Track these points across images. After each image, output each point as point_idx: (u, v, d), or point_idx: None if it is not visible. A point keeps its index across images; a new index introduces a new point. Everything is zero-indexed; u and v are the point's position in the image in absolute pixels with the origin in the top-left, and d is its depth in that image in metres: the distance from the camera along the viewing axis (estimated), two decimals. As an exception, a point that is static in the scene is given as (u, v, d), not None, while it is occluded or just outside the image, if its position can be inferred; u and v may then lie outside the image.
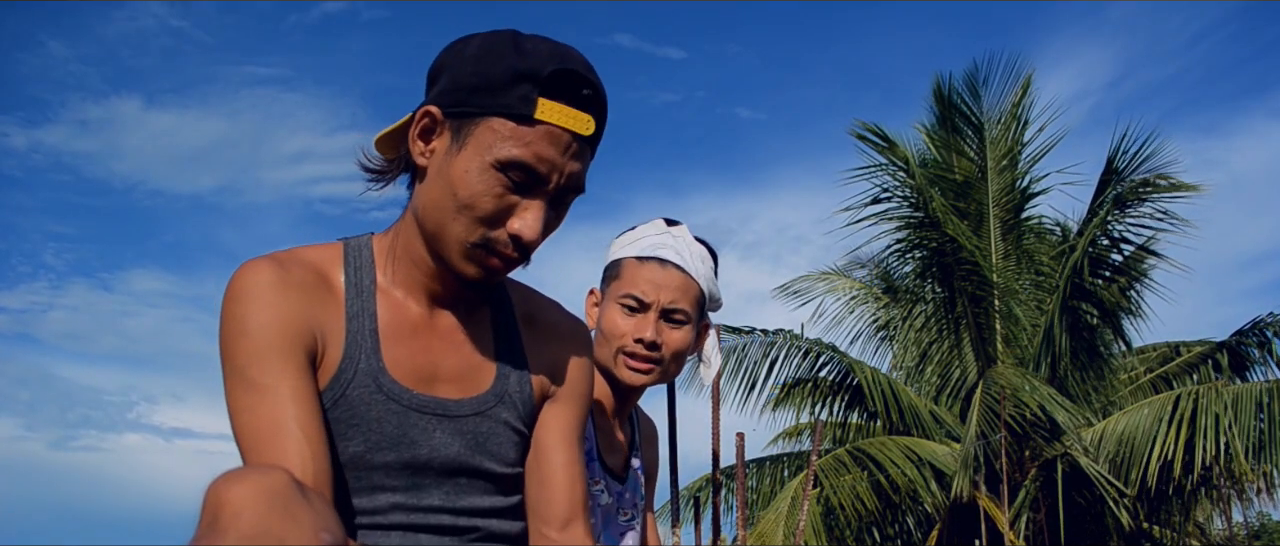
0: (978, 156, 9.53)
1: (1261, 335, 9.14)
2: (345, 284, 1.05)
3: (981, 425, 7.77)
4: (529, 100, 0.97)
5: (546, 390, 1.14)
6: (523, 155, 0.97)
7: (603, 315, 1.58)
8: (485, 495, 1.07)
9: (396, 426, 1.02)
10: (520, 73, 0.98)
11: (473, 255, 1.01)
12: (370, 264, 1.08)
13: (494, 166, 0.98)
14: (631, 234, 1.63)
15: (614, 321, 1.55)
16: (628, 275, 1.56)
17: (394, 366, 1.03)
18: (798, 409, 10.01)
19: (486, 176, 0.98)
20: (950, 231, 8.68)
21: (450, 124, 1.01)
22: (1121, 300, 8.78)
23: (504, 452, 1.08)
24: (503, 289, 1.17)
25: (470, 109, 0.99)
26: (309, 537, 0.73)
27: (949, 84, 9.42)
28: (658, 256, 1.56)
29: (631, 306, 1.55)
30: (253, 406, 0.94)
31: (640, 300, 1.54)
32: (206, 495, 0.74)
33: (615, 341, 1.55)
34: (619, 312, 1.55)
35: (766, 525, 8.24)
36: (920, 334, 9.80)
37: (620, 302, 1.55)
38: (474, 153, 0.98)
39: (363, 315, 1.04)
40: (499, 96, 0.98)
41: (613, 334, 1.55)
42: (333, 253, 1.07)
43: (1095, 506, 8.38)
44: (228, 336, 0.97)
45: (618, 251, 1.61)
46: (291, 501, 0.74)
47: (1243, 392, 8.05)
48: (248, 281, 0.99)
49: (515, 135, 0.97)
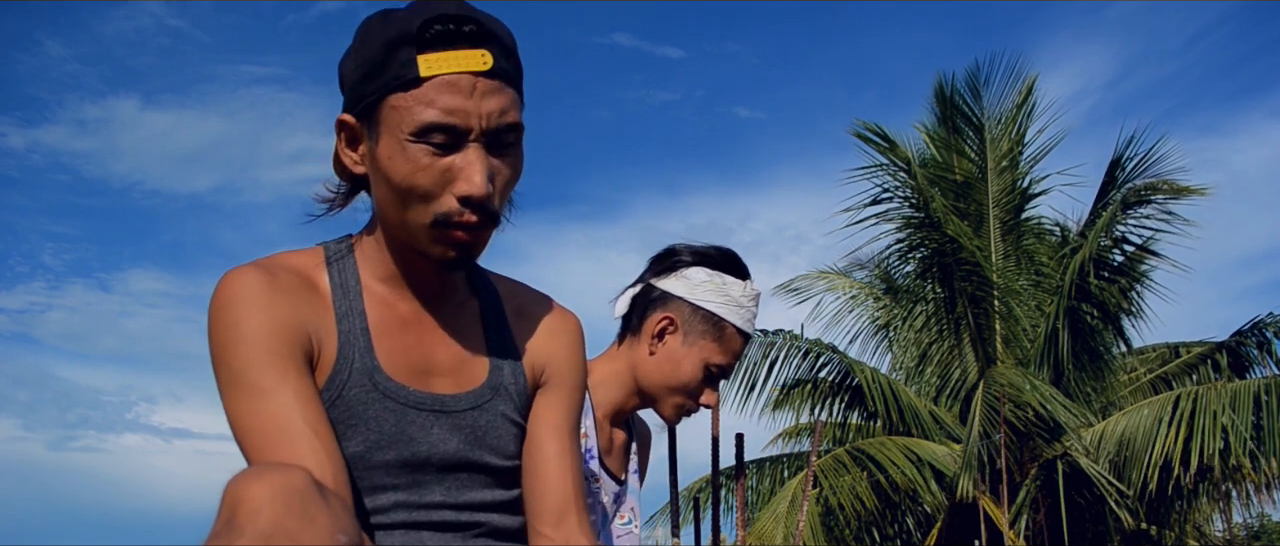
0: (978, 156, 9.52)
1: (1261, 335, 9.14)
2: (331, 285, 1.04)
3: (982, 425, 7.77)
4: (410, 63, 0.94)
5: (539, 380, 1.13)
6: (428, 116, 0.93)
7: (683, 358, 1.58)
8: (486, 489, 1.06)
9: (395, 424, 1.01)
10: (392, 41, 0.95)
11: (436, 236, 0.98)
12: (353, 264, 1.07)
13: (409, 140, 0.94)
14: (732, 284, 1.60)
15: (694, 376, 1.58)
16: (728, 346, 1.59)
17: (388, 364, 1.02)
18: (797, 409, 10.02)
19: (408, 152, 0.95)
20: (950, 231, 8.68)
21: (362, 123, 1.00)
22: (1122, 301, 8.78)
23: (503, 446, 1.07)
24: (491, 284, 1.16)
25: (367, 99, 0.97)
26: (326, 538, 0.73)
27: (950, 84, 9.42)
28: (752, 334, 1.63)
29: (715, 374, 1.59)
30: (256, 409, 0.93)
31: (726, 375, 1.60)
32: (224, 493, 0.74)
33: (682, 392, 1.59)
34: (701, 369, 1.58)
35: (766, 525, 8.24)
36: (920, 334, 9.80)
37: (709, 365, 1.58)
38: (388, 138, 0.96)
39: (352, 314, 1.03)
40: (384, 74, 0.95)
41: (685, 385, 1.59)
42: (314, 256, 1.07)
43: (1095, 506, 8.38)
44: (222, 343, 0.96)
45: (718, 303, 1.59)
46: (309, 501, 0.74)
47: (1242, 391, 8.05)
48: (237, 287, 0.97)
49: (413, 100, 0.94)
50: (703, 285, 1.59)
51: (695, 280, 1.59)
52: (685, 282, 1.60)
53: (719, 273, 1.61)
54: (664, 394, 1.58)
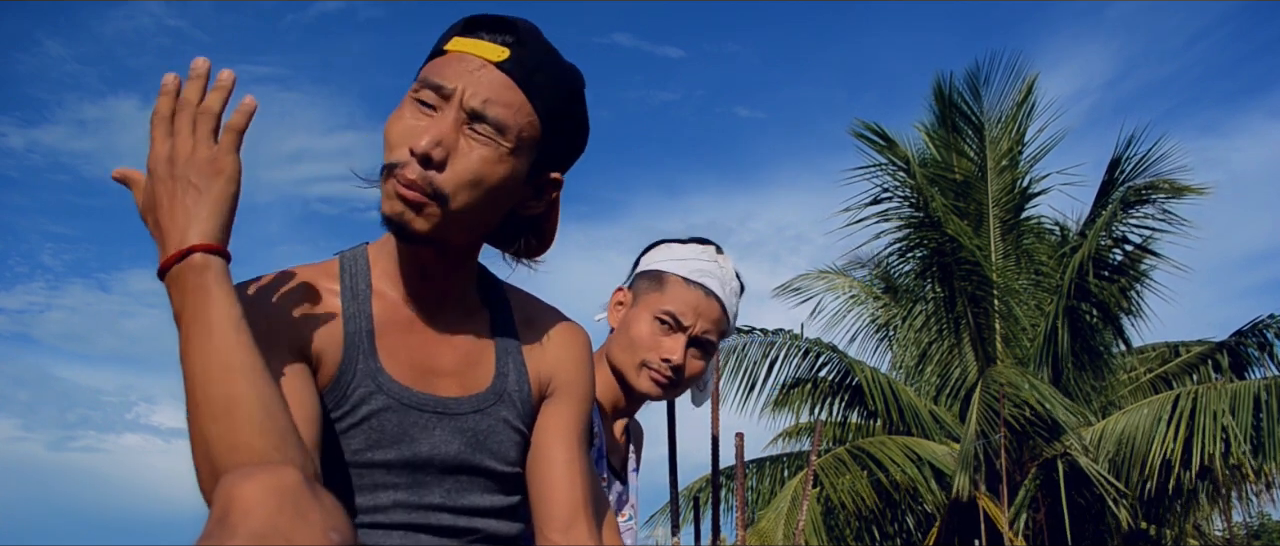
0: (978, 156, 9.53)
1: (1261, 335, 9.16)
2: (341, 291, 1.06)
3: (981, 424, 7.78)
4: (446, 39, 1.04)
5: (545, 390, 1.14)
6: (428, 74, 1.01)
7: (633, 320, 1.58)
8: (485, 494, 1.07)
9: (397, 424, 1.02)
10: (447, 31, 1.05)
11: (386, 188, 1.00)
12: (365, 270, 1.08)
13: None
14: (680, 248, 1.62)
15: (646, 332, 1.55)
16: (672, 293, 1.56)
17: (391, 364, 1.03)
18: (797, 409, 10.03)
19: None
20: (950, 231, 8.68)
21: None
22: (1122, 300, 8.79)
23: (504, 451, 1.08)
24: (502, 294, 1.17)
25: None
26: (318, 537, 0.73)
27: (949, 83, 9.43)
28: (704, 284, 1.57)
29: (667, 324, 1.55)
30: None
31: (678, 320, 1.55)
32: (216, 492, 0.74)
33: (641, 351, 1.55)
34: (653, 325, 1.55)
35: (766, 525, 8.25)
36: (920, 333, 9.81)
37: (657, 316, 1.55)
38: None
39: (359, 317, 1.04)
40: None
41: (641, 343, 1.56)
42: (328, 267, 1.08)
43: (1095, 506, 8.39)
44: None
45: (662, 262, 1.60)
46: (302, 500, 0.74)
47: (1241, 391, 8.06)
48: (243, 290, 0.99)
49: (427, 68, 1.03)
50: (653, 256, 1.62)
51: (651, 257, 1.62)
52: (643, 263, 1.63)
53: (674, 245, 1.62)
54: (629, 366, 1.56)
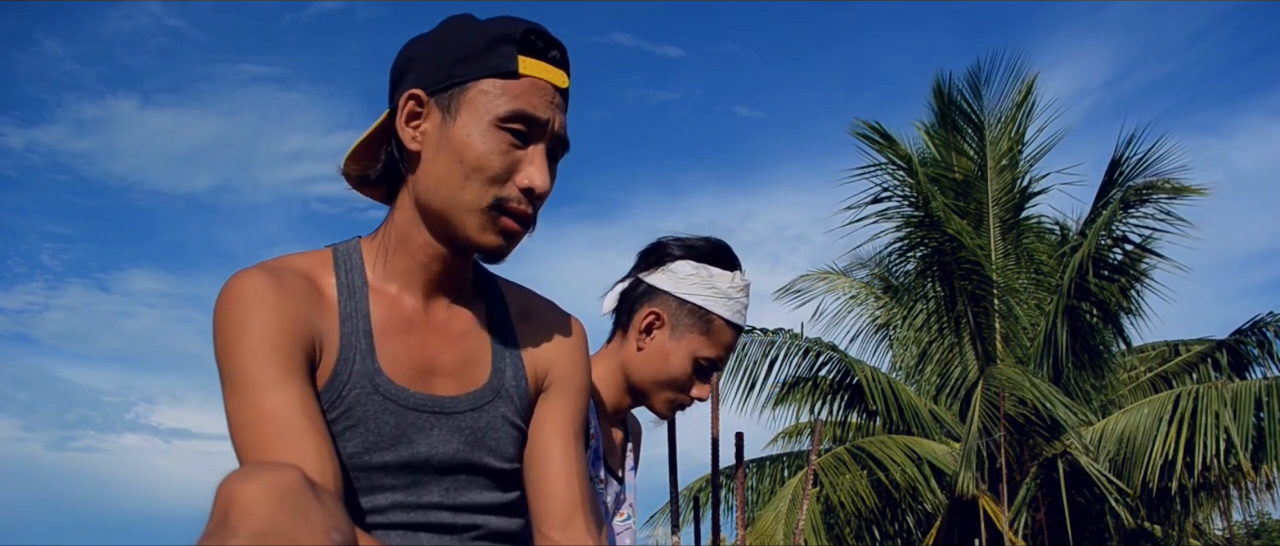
0: (978, 155, 9.52)
1: (1261, 334, 9.15)
2: (337, 287, 1.05)
3: (981, 423, 7.77)
4: (511, 57, 1.02)
5: (542, 383, 1.13)
6: (520, 106, 1.01)
7: (672, 352, 1.56)
8: (484, 491, 1.06)
9: (394, 426, 1.01)
10: (496, 37, 1.03)
11: (488, 221, 1.02)
12: (360, 266, 1.08)
13: (495, 125, 1.01)
14: (722, 275, 1.58)
15: (684, 370, 1.56)
16: (717, 339, 1.56)
17: (390, 366, 1.03)
18: (797, 408, 10.02)
19: (490, 136, 1.01)
20: (950, 230, 8.67)
21: (437, 100, 1.04)
22: (1122, 299, 8.78)
23: (503, 448, 1.08)
24: (497, 287, 1.17)
25: (456, 79, 1.03)
26: (320, 536, 0.73)
27: (949, 82, 9.41)
28: (742, 325, 1.59)
29: (705, 367, 1.57)
30: (254, 404, 0.93)
31: (716, 366, 1.57)
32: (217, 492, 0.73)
33: (674, 388, 1.57)
34: (689, 363, 1.56)
35: (766, 524, 8.24)
36: (920, 333, 9.80)
37: (698, 358, 1.56)
38: (471, 117, 1.02)
39: (356, 316, 1.04)
40: (482, 61, 1.02)
41: (676, 380, 1.56)
42: (322, 258, 1.08)
43: (1095, 505, 8.38)
44: (226, 342, 0.96)
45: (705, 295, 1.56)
46: (303, 499, 0.74)
47: (1242, 390, 8.05)
48: (244, 287, 0.99)
49: (506, 90, 1.02)
50: (689, 278, 1.57)
51: (681, 273, 1.58)
52: (671, 276, 1.58)
53: (706, 265, 1.59)
54: (654, 389, 1.57)
